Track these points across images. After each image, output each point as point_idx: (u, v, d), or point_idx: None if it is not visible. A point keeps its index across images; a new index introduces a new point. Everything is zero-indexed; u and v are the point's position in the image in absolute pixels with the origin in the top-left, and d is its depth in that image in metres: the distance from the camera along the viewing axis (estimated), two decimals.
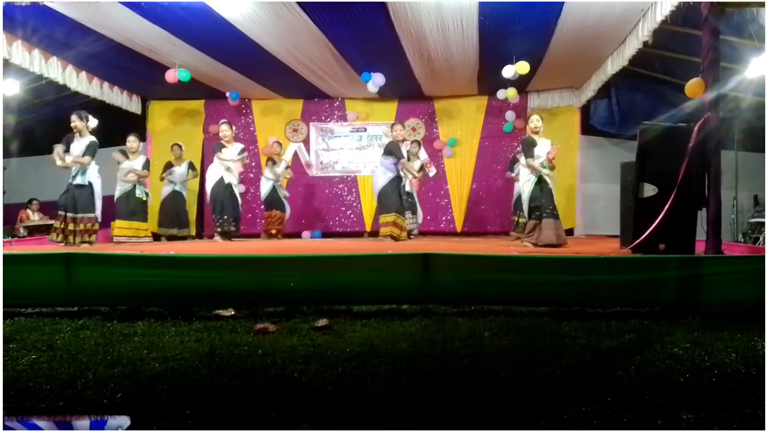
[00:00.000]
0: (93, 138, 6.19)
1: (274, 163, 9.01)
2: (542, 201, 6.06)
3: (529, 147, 6.12)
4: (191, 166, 8.84)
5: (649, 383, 2.25)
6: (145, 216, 7.95)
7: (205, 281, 3.81)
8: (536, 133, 6.15)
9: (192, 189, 9.39)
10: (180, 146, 8.85)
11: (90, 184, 6.22)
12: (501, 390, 2.22)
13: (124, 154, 7.81)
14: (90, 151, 6.13)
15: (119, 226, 7.69)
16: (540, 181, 6.10)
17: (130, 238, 7.65)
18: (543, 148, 6.09)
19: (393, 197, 7.28)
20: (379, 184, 7.32)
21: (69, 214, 6.15)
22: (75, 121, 6.10)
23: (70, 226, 6.17)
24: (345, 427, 1.85)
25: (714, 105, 4.55)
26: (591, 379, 2.33)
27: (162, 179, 8.63)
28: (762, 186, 7.95)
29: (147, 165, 7.95)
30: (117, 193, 7.78)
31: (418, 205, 8.71)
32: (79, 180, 6.16)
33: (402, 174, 7.49)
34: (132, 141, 7.85)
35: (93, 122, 6.24)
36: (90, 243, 6.24)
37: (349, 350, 2.76)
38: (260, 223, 9.42)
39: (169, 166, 8.70)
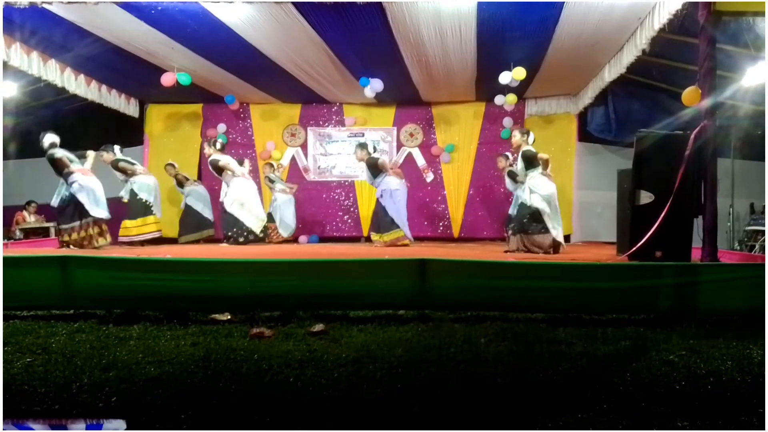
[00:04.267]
0: None
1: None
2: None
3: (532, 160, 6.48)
4: (178, 183, 9.03)
5: (645, 390, 2.26)
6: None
7: (202, 285, 3.80)
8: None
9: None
10: (173, 165, 9.04)
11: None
12: (497, 396, 2.22)
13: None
14: None
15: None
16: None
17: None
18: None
19: None
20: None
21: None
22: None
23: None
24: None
25: (710, 113, 4.57)
26: (587, 386, 2.34)
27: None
28: (758, 194, 7.99)
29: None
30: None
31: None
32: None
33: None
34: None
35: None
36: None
37: (345, 355, 2.76)
38: None
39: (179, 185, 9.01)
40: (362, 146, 7.82)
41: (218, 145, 8.25)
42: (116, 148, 7.96)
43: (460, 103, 9.90)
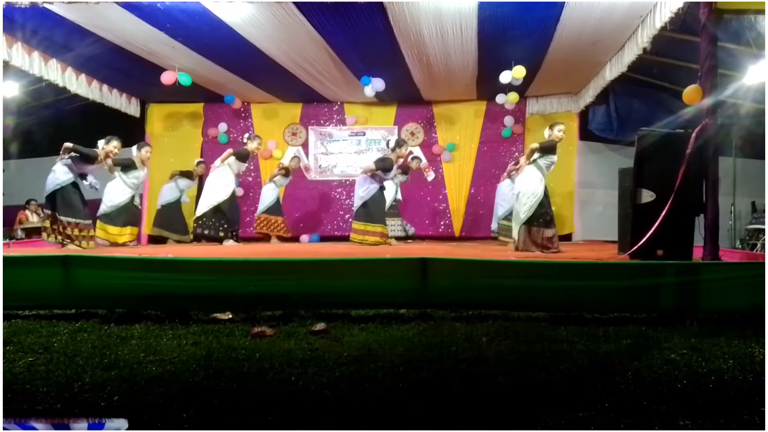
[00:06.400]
0: None
1: (287, 174, 9.07)
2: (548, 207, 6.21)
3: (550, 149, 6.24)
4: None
5: (647, 389, 2.25)
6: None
7: (203, 284, 3.81)
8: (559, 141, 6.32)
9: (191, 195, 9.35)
10: (204, 164, 8.87)
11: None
12: (498, 395, 2.22)
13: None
14: None
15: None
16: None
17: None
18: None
19: (383, 207, 7.74)
20: (372, 192, 7.42)
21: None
22: None
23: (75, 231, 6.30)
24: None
25: (712, 111, 4.56)
26: (588, 385, 2.34)
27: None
28: (759, 192, 7.98)
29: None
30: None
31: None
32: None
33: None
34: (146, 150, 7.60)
35: None
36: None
37: (346, 354, 2.76)
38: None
39: (187, 175, 8.66)
40: (401, 144, 7.59)
41: (255, 143, 8.15)
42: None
43: (461, 102, 9.91)
